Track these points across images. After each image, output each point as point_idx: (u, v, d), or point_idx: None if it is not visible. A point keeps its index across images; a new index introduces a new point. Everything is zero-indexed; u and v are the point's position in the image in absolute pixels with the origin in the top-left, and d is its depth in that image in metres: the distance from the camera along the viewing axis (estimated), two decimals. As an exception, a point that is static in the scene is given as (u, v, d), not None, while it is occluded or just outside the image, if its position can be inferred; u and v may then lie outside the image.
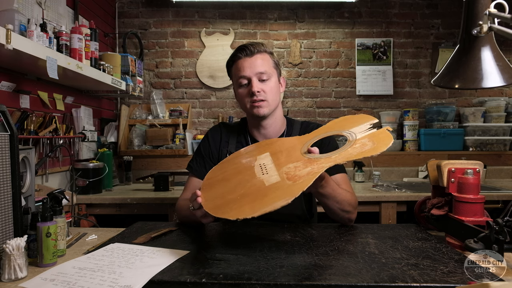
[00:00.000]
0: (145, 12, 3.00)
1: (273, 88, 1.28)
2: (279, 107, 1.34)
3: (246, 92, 1.27)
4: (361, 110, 3.02)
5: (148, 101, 2.96)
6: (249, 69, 1.25)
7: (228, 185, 0.94)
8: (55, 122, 1.93)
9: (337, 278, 0.74)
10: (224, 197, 0.90)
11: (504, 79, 0.90)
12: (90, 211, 2.11)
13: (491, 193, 2.08)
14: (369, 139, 0.84)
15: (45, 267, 0.86)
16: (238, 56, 1.27)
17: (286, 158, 0.92)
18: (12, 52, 1.36)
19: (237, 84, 1.30)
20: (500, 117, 2.81)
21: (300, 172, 0.82)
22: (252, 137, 1.37)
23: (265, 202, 0.80)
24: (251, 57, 1.26)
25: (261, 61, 1.26)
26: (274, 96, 1.28)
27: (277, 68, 1.32)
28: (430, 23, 3.01)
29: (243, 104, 1.30)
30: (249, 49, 1.26)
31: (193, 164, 1.38)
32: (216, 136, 1.39)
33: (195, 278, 0.74)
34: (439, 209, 1.08)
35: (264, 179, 0.88)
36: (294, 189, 0.77)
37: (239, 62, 1.27)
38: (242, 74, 1.25)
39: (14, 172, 0.91)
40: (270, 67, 1.28)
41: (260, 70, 1.24)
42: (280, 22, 3.01)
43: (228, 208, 0.85)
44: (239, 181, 0.93)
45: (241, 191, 0.89)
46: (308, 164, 0.85)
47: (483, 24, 0.87)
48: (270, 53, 1.31)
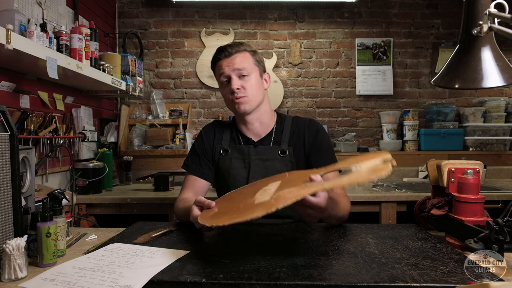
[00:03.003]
0: (145, 12, 3.00)
1: (254, 84, 1.29)
2: (264, 103, 1.35)
3: (227, 90, 1.30)
4: (361, 110, 3.02)
5: (148, 101, 2.96)
6: (227, 67, 1.28)
7: (227, 204, 1.00)
8: (55, 122, 1.93)
9: (337, 278, 0.74)
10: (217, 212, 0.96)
11: (504, 79, 0.90)
12: (90, 211, 2.11)
13: (491, 193, 2.08)
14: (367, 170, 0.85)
15: (45, 267, 0.86)
16: (218, 58, 1.31)
17: (289, 185, 0.95)
18: (12, 52, 1.36)
19: (219, 84, 1.34)
20: (500, 117, 2.81)
21: (288, 195, 0.84)
22: (242, 133, 1.38)
23: (241, 215, 0.83)
24: (229, 57, 1.29)
25: (240, 59, 1.29)
26: (255, 92, 1.30)
27: (259, 65, 1.34)
28: (430, 23, 3.01)
29: (227, 102, 1.34)
30: (227, 50, 1.29)
31: (189, 162, 1.39)
32: (209, 134, 1.41)
33: (195, 278, 0.74)
34: (439, 209, 1.08)
35: (256, 199, 0.92)
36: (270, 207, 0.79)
37: (219, 63, 1.31)
38: (222, 73, 1.29)
39: (14, 172, 0.91)
40: (250, 64, 1.30)
41: (238, 67, 1.27)
42: (280, 22, 3.01)
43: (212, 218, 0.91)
44: (237, 201, 1.00)
45: (231, 207, 0.95)
46: (300, 189, 0.88)
47: (483, 24, 0.87)
48: (251, 51, 1.33)
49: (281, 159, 1.31)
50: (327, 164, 1.27)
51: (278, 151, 1.32)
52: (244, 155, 1.33)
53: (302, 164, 1.32)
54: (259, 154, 1.33)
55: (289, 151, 1.31)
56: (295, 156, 1.32)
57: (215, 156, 1.37)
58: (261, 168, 1.31)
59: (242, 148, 1.35)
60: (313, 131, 1.34)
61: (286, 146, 1.32)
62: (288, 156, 1.31)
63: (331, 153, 1.34)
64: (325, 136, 1.35)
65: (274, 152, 1.32)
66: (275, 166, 1.30)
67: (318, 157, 1.31)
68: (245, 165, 1.32)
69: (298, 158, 1.32)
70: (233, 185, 1.31)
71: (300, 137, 1.33)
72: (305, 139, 1.33)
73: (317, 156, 1.31)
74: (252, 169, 1.31)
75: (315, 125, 1.36)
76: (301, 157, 1.32)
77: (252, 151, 1.33)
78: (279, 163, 1.31)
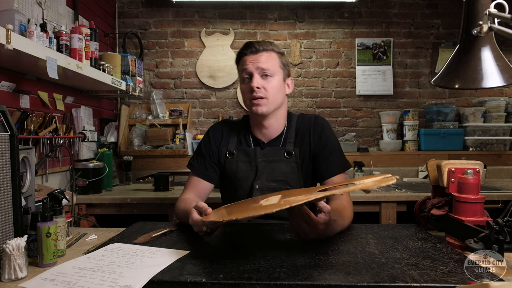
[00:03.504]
0: (145, 12, 3.00)
1: (276, 86, 1.27)
2: (282, 107, 1.33)
3: (247, 87, 1.27)
4: (361, 110, 3.02)
5: (148, 101, 2.96)
6: (251, 64, 1.25)
7: (229, 208, 1.03)
8: (55, 122, 1.93)
9: (337, 278, 0.74)
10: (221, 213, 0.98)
11: (504, 79, 0.90)
12: (90, 211, 2.11)
13: (491, 193, 2.08)
14: (372, 182, 0.89)
15: (45, 267, 0.86)
16: (244, 53, 1.28)
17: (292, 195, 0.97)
18: (12, 52, 1.36)
19: (241, 79, 1.31)
20: (500, 117, 2.81)
21: (297, 199, 0.87)
22: (253, 136, 1.36)
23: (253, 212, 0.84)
24: (255, 54, 1.26)
25: (265, 58, 1.26)
26: (276, 95, 1.27)
27: (284, 68, 1.31)
28: (430, 23, 3.01)
29: (245, 100, 1.31)
30: (254, 47, 1.26)
31: (194, 162, 1.38)
32: (217, 135, 1.38)
33: (195, 278, 0.74)
34: (439, 209, 1.08)
35: (263, 203, 0.94)
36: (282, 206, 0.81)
37: (243, 58, 1.28)
38: (245, 68, 1.26)
39: (14, 172, 0.91)
40: (275, 66, 1.27)
41: (263, 66, 1.24)
42: (280, 22, 3.01)
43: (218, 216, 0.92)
44: (240, 204, 1.02)
45: (238, 209, 0.98)
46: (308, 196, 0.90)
47: (483, 24, 0.87)
48: (279, 53, 1.30)
49: (286, 160, 1.30)
50: (334, 169, 1.30)
51: (283, 153, 1.31)
52: (251, 158, 1.32)
53: (307, 163, 1.31)
54: (265, 156, 1.31)
55: (295, 152, 1.30)
56: (300, 157, 1.31)
57: (221, 159, 1.35)
58: (267, 169, 1.30)
59: (249, 150, 1.33)
60: (318, 129, 1.32)
61: (291, 147, 1.30)
62: (293, 157, 1.30)
63: (337, 154, 1.32)
64: (330, 135, 1.33)
65: (280, 153, 1.31)
66: (280, 168, 1.30)
67: (325, 160, 1.30)
68: (252, 167, 1.31)
69: (303, 158, 1.31)
70: (240, 187, 1.31)
71: (305, 136, 1.32)
72: (310, 138, 1.31)
73: (324, 159, 1.30)
74: (259, 170, 1.30)
75: (320, 123, 1.34)
76: (306, 157, 1.31)
77: (259, 153, 1.32)
78: (284, 164, 1.30)
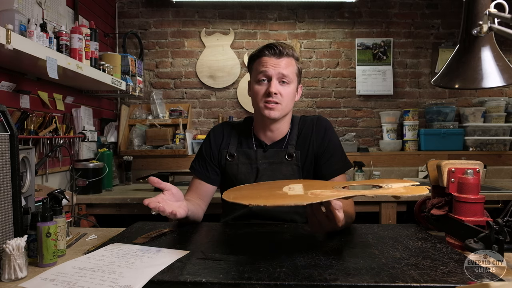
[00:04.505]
0: (145, 12, 3.00)
1: (290, 93, 1.27)
2: (290, 114, 1.34)
3: (263, 90, 1.25)
4: (361, 110, 3.02)
5: (148, 101, 2.96)
6: (272, 68, 1.23)
7: (255, 191, 1.00)
8: (55, 122, 1.93)
9: (337, 278, 0.74)
10: (245, 196, 0.95)
11: (504, 79, 0.90)
12: (90, 211, 2.11)
13: (491, 193, 2.08)
14: (403, 188, 0.90)
15: (45, 267, 0.86)
16: (265, 53, 1.25)
17: (316, 187, 0.99)
18: (12, 52, 1.36)
19: (255, 79, 1.28)
20: (500, 117, 2.81)
21: (325, 194, 0.88)
22: (257, 138, 1.36)
23: (281, 200, 0.86)
24: (278, 58, 1.24)
25: (286, 64, 1.24)
26: (289, 102, 1.27)
27: (298, 76, 1.31)
28: (430, 23, 3.01)
29: (256, 101, 1.28)
30: (278, 49, 1.23)
31: (196, 165, 1.38)
32: (217, 137, 1.38)
33: (195, 278, 0.74)
34: (439, 209, 1.08)
35: (289, 192, 0.94)
36: (312, 198, 0.82)
37: (264, 59, 1.25)
38: (264, 72, 1.24)
39: (14, 172, 0.91)
40: (293, 73, 1.27)
41: (283, 73, 1.23)
42: (280, 22, 3.01)
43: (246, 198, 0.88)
44: (265, 190, 1.00)
45: (263, 194, 0.96)
46: (335, 191, 0.91)
47: (483, 24, 0.87)
48: (297, 59, 1.29)
49: (287, 162, 1.30)
50: (336, 169, 1.30)
51: (285, 155, 1.30)
52: (251, 160, 1.32)
53: (309, 166, 1.31)
54: (266, 158, 1.31)
55: (296, 155, 1.30)
56: (301, 159, 1.30)
57: (222, 161, 1.35)
58: (268, 172, 1.30)
59: (249, 152, 1.33)
60: (321, 131, 1.32)
61: (293, 149, 1.30)
62: (294, 160, 1.30)
63: (339, 155, 1.32)
64: (332, 136, 1.32)
65: (281, 155, 1.31)
66: (281, 170, 1.29)
67: (326, 160, 1.30)
68: (252, 169, 1.31)
69: (305, 160, 1.31)
70: None
71: (306, 138, 1.32)
72: (312, 140, 1.31)
73: (326, 160, 1.30)
74: (259, 172, 1.30)
75: (322, 124, 1.33)
76: (308, 158, 1.31)
77: (260, 155, 1.31)
78: (285, 166, 1.30)
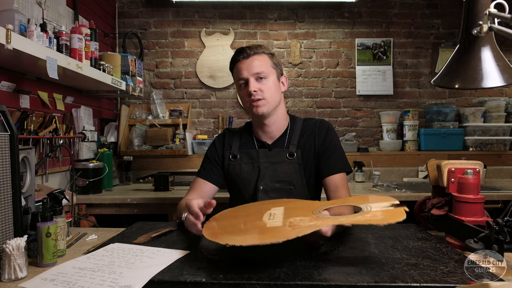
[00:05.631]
0: (145, 12, 3.00)
1: (272, 87, 1.30)
2: (281, 106, 1.36)
3: (245, 92, 1.31)
4: (361, 110, 3.02)
5: (148, 101, 2.96)
6: (246, 70, 1.29)
7: (233, 222, 0.99)
8: (55, 122, 1.93)
9: (337, 278, 0.74)
10: (225, 229, 0.95)
11: (504, 79, 0.90)
12: (90, 211, 2.11)
13: (491, 193, 2.08)
14: (382, 213, 0.87)
15: (45, 267, 0.87)
16: (237, 59, 1.32)
17: (296, 212, 0.96)
18: (12, 52, 1.36)
19: (238, 85, 1.35)
20: (500, 117, 2.81)
21: (303, 224, 0.86)
22: (257, 138, 1.40)
23: (257, 238, 0.83)
24: (247, 59, 1.30)
25: (258, 62, 1.29)
26: (273, 95, 1.31)
27: (276, 68, 1.35)
28: (430, 23, 3.01)
29: (245, 104, 1.35)
30: (246, 52, 1.30)
31: (201, 169, 1.43)
32: (221, 141, 1.44)
33: (195, 278, 0.74)
34: (439, 209, 1.08)
35: (268, 223, 0.92)
36: (289, 233, 0.80)
37: (237, 65, 1.32)
38: (240, 76, 1.30)
39: (14, 172, 0.91)
40: (268, 67, 1.31)
41: (256, 71, 1.28)
42: (280, 22, 3.01)
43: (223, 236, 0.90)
44: (244, 221, 0.98)
45: (241, 227, 0.94)
46: (313, 220, 0.89)
47: (483, 24, 0.87)
48: (269, 54, 1.34)
49: (289, 161, 1.33)
50: (334, 167, 1.31)
51: (286, 154, 1.34)
52: (253, 159, 1.36)
53: (311, 164, 1.34)
54: (268, 157, 1.35)
55: (297, 154, 1.33)
56: (303, 159, 1.33)
57: (225, 162, 1.39)
58: (270, 170, 1.33)
59: (251, 152, 1.37)
60: (323, 131, 1.36)
61: (294, 149, 1.33)
62: (295, 159, 1.33)
63: (339, 154, 1.35)
64: (334, 136, 1.37)
65: (282, 154, 1.34)
66: (283, 168, 1.33)
67: (326, 158, 1.33)
68: (254, 169, 1.35)
69: (306, 160, 1.34)
70: (244, 188, 1.35)
71: (309, 138, 1.35)
72: (315, 140, 1.35)
73: (326, 158, 1.33)
74: (261, 171, 1.33)
75: (325, 125, 1.38)
76: (310, 159, 1.34)
77: (262, 154, 1.35)
78: (287, 165, 1.33)
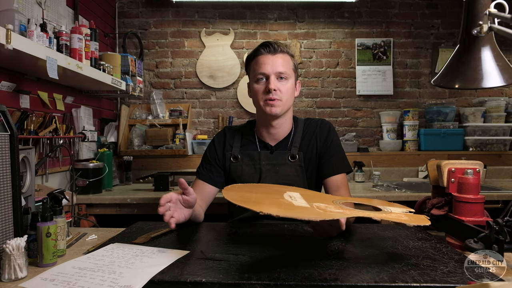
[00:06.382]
0: (145, 12, 3.00)
1: (289, 89, 1.29)
2: (290, 110, 1.35)
3: (262, 88, 1.27)
4: (361, 110, 3.02)
5: (148, 101, 2.96)
6: (269, 66, 1.25)
7: (256, 196, 0.94)
8: (55, 122, 1.93)
9: (337, 278, 0.74)
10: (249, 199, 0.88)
11: (504, 79, 0.90)
12: (90, 211, 2.11)
13: (491, 193, 2.08)
14: (405, 215, 0.88)
15: (45, 267, 0.86)
16: (261, 52, 1.28)
17: (315, 199, 0.94)
18: (12, 52, 1.36)
19: (254, 78, 1.30)
20: (500, 117, 2.81)
21: (331, 210, 0.84)
22: (259, 138, 1.37)
23: (293, 212, 0.78)
24: (273, 55, 1.27)
25: (282, 61, 1.27)
26: (289, 97, 1.29)
27: (295, 71, 1.33)
28: (430, 23, 3.01)
29: (257, 100, 1.31)
30: (272, 47, 1.27)
31: (200, 169, 1.40)
32: (221, 141, 1.41)
33: (195, 278, 0.74)
34: (439, 209, 1.08)
35: (293, 202, 0.88)
36: (324, 214, 0.77)
37: (260, 58, 1.28)
38: (262, 70, 1.26)
39: (14, 172, 0.91)
40: (290, 69, 1.29)
41: (280, 70, 1.26)
42: (280, 22, 3.01)
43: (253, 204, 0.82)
44: (266, 197, 0.93)
45: (267, 202, 0.89)
46: (340, 208, 0.87)
47: (483, 24, 0.87)
48: (291, 56, 1.32)
49: (290, 163, 1.32)
50: (335, 168, 1.31)
51: (288, 156, 1.32)
52: (255, 161, 1.34)
53: (313, 166, 1.33)
54: (269, 159, 1.33)
55: (299, 156, 1.31)
56: (305, 160, 1.32)
57: (226, 163, 1.37)
58: (271, 173, 1.31)
59: (253, 153, 1.35)
60: (325, 131, 1.35)
61: (296, 151, 1.32)
62: (297, 161, 1.31)
63: (340, 155, 1.34)
64: (335, 137, 1.36)
65: (284, 157, 1.32)
66: (285, 171, 1.31)
67: (327, 159, 1.32)
68: (256, 171, 1.33)
69: (308, 162, 1.33)
70: None
71: (311, 139, 1.34)
72: (316, 140, 1.34)
73: (327, 159, 1.32)
74: (263, 173, 1.31)
75: (326, 125, 1.37)
76: (312, 160, 1.33)
77: (263, 156, 1.33)
78: (289, 167, 1.31)
